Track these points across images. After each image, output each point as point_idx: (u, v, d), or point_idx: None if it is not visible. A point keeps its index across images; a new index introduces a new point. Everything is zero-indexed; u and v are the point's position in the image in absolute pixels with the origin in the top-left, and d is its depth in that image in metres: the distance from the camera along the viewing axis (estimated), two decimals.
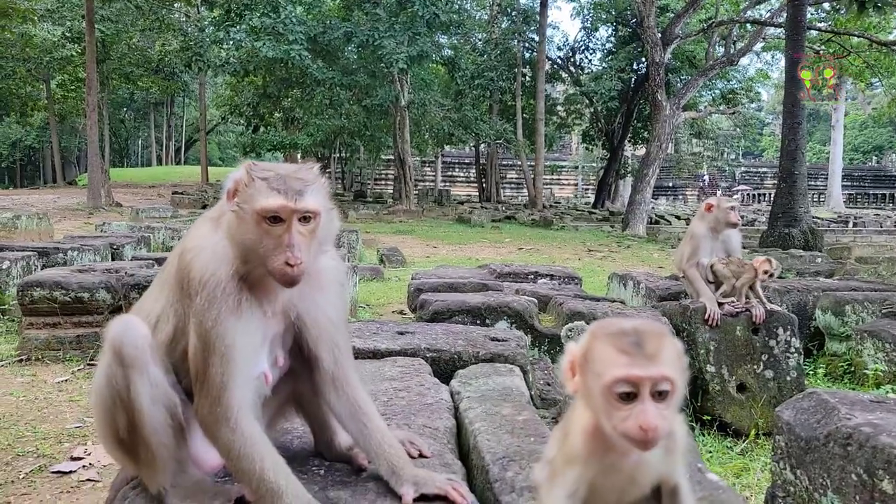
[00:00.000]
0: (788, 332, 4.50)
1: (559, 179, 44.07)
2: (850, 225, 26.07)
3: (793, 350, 4.49)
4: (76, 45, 30.40)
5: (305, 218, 1.49)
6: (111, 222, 14.69)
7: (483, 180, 34.86)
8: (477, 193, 36.17)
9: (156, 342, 1.58)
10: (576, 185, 45.65)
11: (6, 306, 6.50)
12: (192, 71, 29.65)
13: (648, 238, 19.35)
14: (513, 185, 42.54)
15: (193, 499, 1.53)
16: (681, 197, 44.25)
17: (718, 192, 40.19)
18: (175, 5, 28.38)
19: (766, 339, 4.47)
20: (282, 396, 1.79)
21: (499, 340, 3.16)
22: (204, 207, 22.17)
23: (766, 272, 4.45)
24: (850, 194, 41.76)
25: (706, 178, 44.48)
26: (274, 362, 1.65)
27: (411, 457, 1.78)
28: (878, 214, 31.10)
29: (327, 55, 25.11)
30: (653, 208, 25.14)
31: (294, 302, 1.61)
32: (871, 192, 43.98)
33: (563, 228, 21.61)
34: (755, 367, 4.45)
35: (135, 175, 40.29)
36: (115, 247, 9.17)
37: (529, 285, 6.02)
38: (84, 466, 3.37)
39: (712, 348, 4.45)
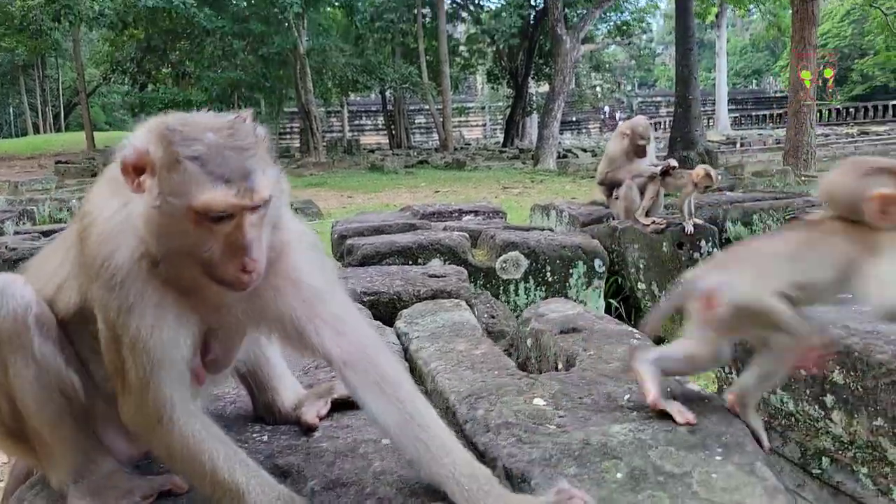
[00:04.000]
0: (710, 244, 4.61)
1: (467, 121, 43.81)
2: (738, 145, 27.47)
3: None
4: None
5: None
6: None
7: (392, 127, 34.18)
8: (387, 141, 35.48)
9: (55, 309, 1.28)
10: (484, 125, 45.60)
11: None
12: (63, 26, 26.81)
13: (559, 172, 19.65)
14: (422, 130, 41.97)
15: (98, 496, 1.25)
16: (584, 130, 45.18)
17: (619, 121, 41.42)
18: None
19: (691, 252, 4.56)
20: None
21: (438, 277, 3.00)
22: (94, 176, 20.48)
23: (706, 187, 4.51)
24: (735, 117, 43.96)
25: (607, 110, 45.52)
26: (211, 360, 1.33)
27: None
28: (760, 134, 32.94)
29: (214, 2, 23.39)
30: (560, 143, 25.50)
31: (247, 298, 1.22)
32: (753, 113, 46.43)
33: (477, 169, 21.58)
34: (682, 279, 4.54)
35: (10, 146, 36.53)
36: None
37: (455, 223, 5.88)
38: None
39: (641, 266, 4.50)
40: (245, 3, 24.80)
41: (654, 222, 4.53)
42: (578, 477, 1.21)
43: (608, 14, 26.91)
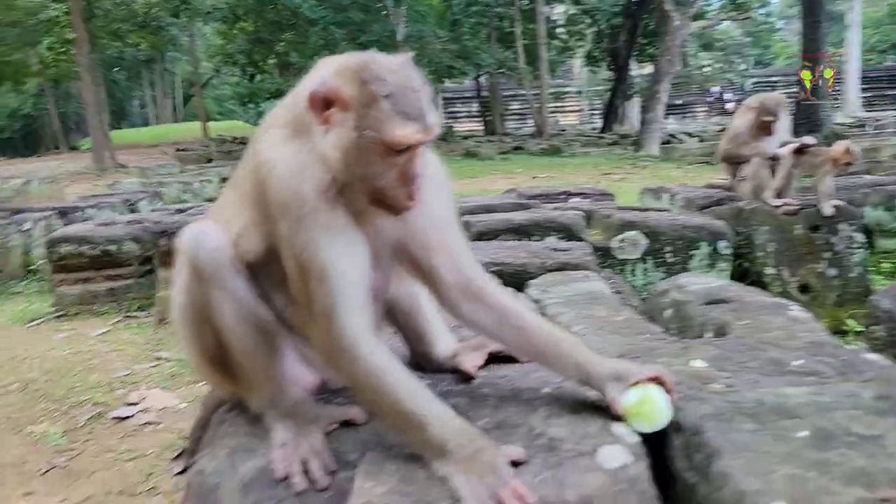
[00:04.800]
0: (853, 227, 4.29)
1: (563, 106, 42.90)
2: (872, 128, 25.28)
3: (856, 245, 4.30)
4: (61, 5, 29.46)
5: None
6: (121, 181, 14.48)
7: (486, 113, 34.10)
8: (481, 128, 35.43)
9: (239, 256, 1.39)
10: (580, 111, 44.52)
11: (34, 266, 6.43)
12: (180, 21, 28.62)
13: (664, 157, 18.92)
14: (516, 116, 41.55)
15: (292, 420, 1.36)
16: (690, 114, 43.04)
17: (727, 106, 39.19)
18: None
19: (828, 236, 4.27)
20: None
21: (561, 250, 2.99)
22: (209, 161, 21.84)
23: (847, 164, 4.21)
24: (868, 97, 40.30)
25: (715, 91, 43.08)
26: (371, 287, 1.42)
27: (520, 362, 1.63)
28: None
29: None
30: (663, 128, 24.52)
31: (393, 221, 1.38)
32: (888, 92, 42.37)
33: (574, 155, 21.16)
34: (817, 265, 4.27)
35: (135, 136, 39.52)
36: (130, 203, 9.04)
37: (563, 205, 5.81)
38: (142, 411, 3.35)
39: (771, 249, 4.27)
40: None
41: (785, 203, 4.28)
42: (758, 432, 1.18)
43: None
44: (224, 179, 14.79)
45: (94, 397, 3.49)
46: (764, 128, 4.64)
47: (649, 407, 1.25)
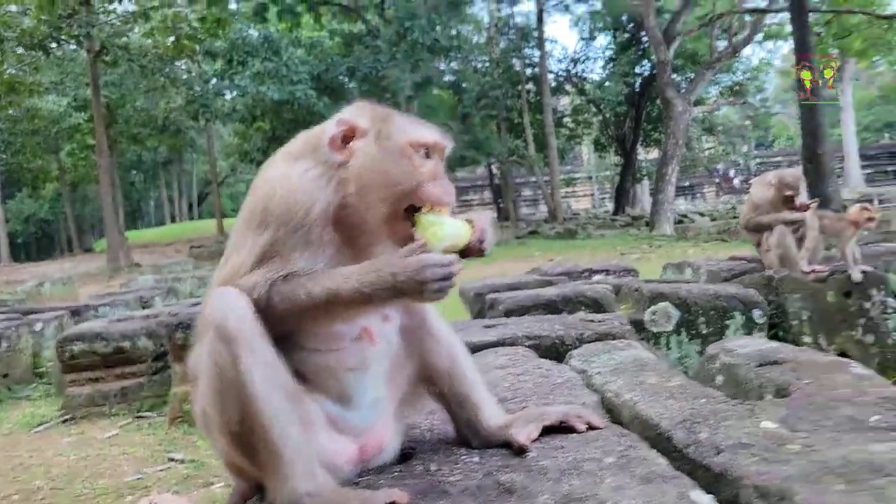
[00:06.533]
0: (882, 293, 4.21)
1: (574, 192, 43.69)
2: (876, 202, 25.38)
3: (890, 310, 4.20)
4: (82, 114, 30.83)
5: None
6: (136, 279, 14.58)
7: (499, 200, 34.70)
8: (494, 215, 35.87)
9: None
10: (592, 195, 45.24)
11: (43, 369, 6.26)
12: (200, 123, 29.80)
13: (678, 237, 18.96)
14: (528, 203, 42.25)
15: None
16: (699, 195, 43.63)
17: (736, 182, 39.57)
18: (176, 62, 28.52)
19: (860, 301, 4.18)
20: (405, 376, 1.55)
21: (597, 321, 2.92)
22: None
23: (868, 219, 4.19)
24: (869, 173, 40.93)
25: (720, 168, 43.73)
26: (382, 317, 1.47)
27: (578, 432, 1.53)
28: None
29: (332, 92, 25.28)
30: (674, 209, 24.77)
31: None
32: (888, 168, 43.00)
33: (589, 237, 21.28)
34: (853, 332, 4.15)
35: (150, 235, 40.38)
36: (144, 300, 8.92)
37: (587, 284, 5.76)
38: None
39: (805, 317, 4.16)
40: (357, 91, 26.53)
41: (813, 270, 4.22)
42: (853, 493, 1.08)
43: (718, 76, 26.48)
44: None
45: None
46: (786, 202, 4.64)
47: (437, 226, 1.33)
